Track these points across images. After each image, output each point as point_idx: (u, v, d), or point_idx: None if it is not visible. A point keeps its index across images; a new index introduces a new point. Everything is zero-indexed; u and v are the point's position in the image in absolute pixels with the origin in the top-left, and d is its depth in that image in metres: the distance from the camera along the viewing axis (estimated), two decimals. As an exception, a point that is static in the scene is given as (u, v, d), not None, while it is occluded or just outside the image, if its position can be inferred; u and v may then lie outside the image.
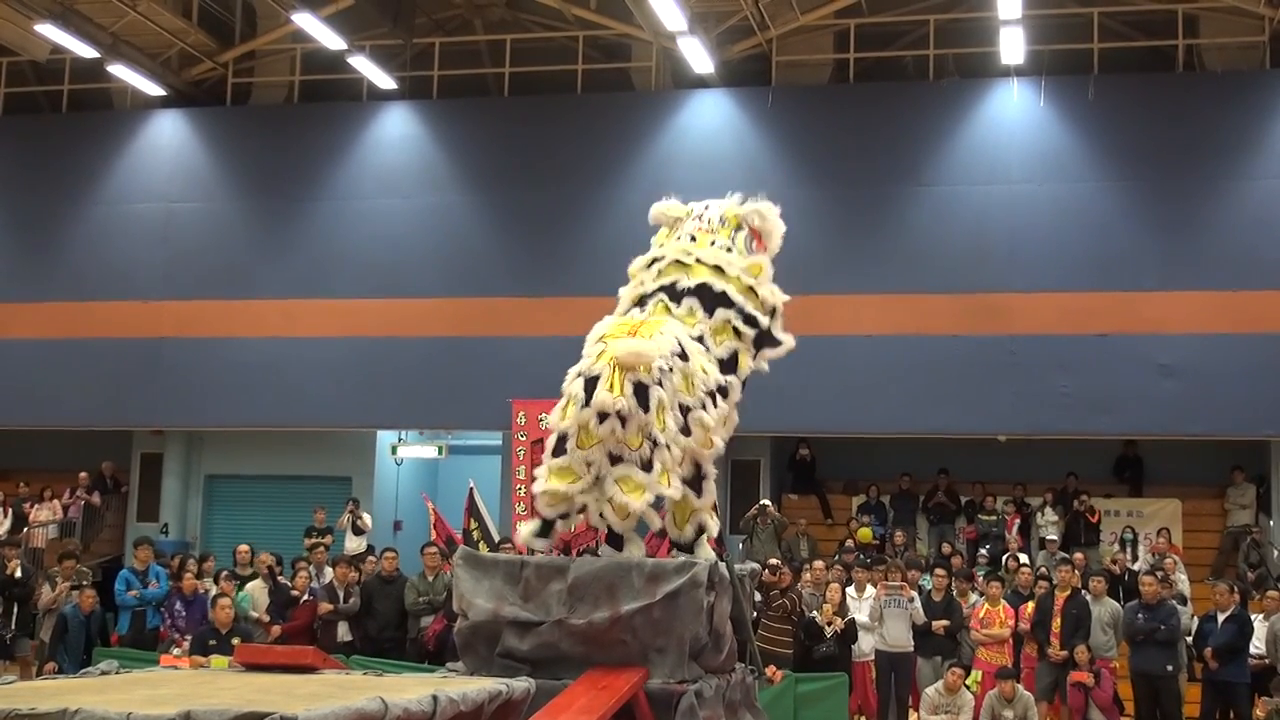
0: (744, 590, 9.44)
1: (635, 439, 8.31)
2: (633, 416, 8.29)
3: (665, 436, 8.42)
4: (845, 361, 20.14)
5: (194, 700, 4.76)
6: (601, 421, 8.32)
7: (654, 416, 8.34)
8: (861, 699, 15.93)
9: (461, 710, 5.40)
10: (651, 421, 8.33)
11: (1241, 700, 14.67)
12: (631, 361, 8.42)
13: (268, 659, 7.09)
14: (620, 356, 8.42)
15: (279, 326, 21.78)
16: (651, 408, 8.34)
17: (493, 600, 8.46)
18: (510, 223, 21.67)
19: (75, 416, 22.39)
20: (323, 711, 4.57)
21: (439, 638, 15.00)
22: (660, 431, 8.39)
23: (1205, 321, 19.48)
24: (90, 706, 4.56)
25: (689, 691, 8.06)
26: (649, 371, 8.43)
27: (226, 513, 24.06)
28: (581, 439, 8.39)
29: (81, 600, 16.50)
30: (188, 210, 22.65)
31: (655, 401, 8.37)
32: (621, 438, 8.30)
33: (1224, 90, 20.30)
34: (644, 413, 8.31)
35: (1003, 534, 20.75)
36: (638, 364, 8.42)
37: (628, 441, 8.30)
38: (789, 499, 22.36)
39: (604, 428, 8.32)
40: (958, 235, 20.30)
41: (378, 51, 22.30)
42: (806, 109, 21.38)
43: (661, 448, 8.39)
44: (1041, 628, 15.61)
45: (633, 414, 8.29)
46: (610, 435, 8.31)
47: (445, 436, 23.86)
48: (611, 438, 8.30)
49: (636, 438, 8.31)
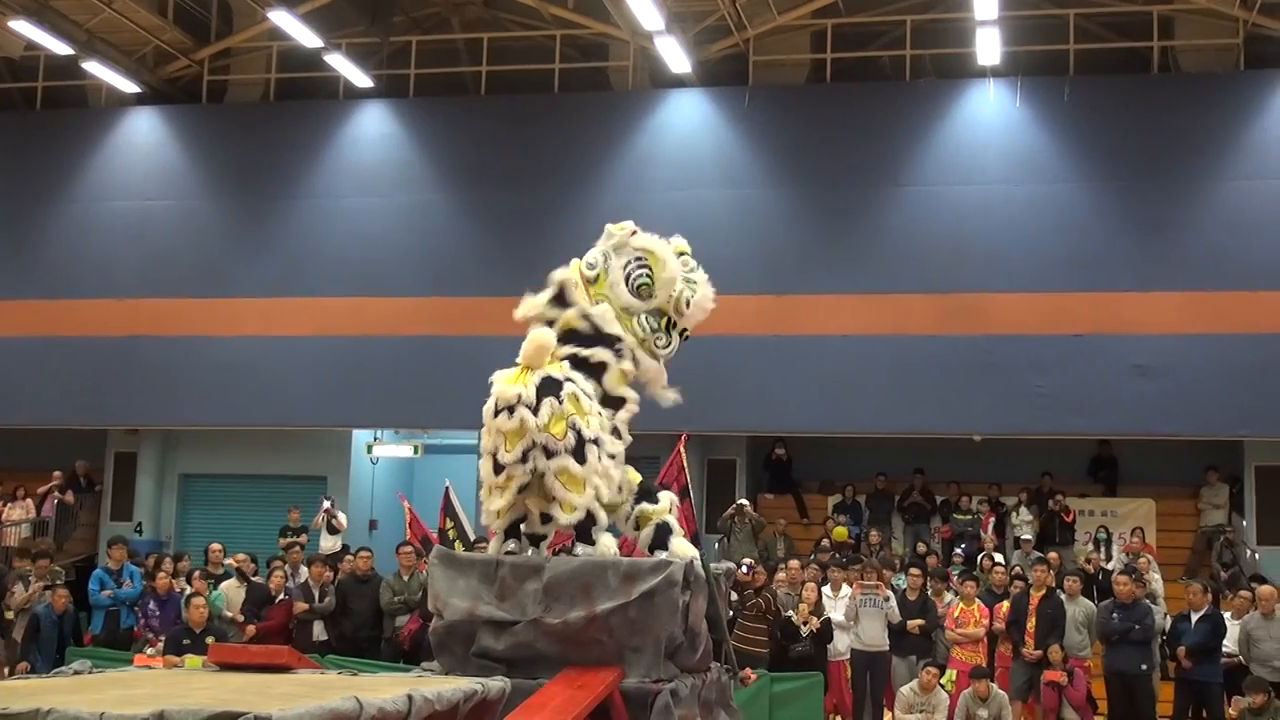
0: (719, 589, 9.45)
1: (558, 427, 8.27)
2: (544, 405, 8.26)
3: (591, 433, 8.39)
4: (821, 361, 20.19)
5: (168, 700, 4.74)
6: (510, 415, 8.29)
7: (568, 405, 8.31)
8: (837, 698, 15.95)
9: (437, 710, 5.38)
10: (570, 411, 8.29)
11: (1214, 700, 14.75)
12: (532, 352, 8.45)
13: (242, 659, 7.07)
14: (523, 350, 8.47)
15: (255, 325, 21.71)
16: (564, 398, 8.31)
17: (468, 600, 8.45)
18: (487, 221, 21.64)
19: (49, 415, 22.28)
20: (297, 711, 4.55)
21: (414, 637, 14.98)
22: (586, 426, 8.36)
23: (1180, 322, 19.56)
24: (63, 706, 4.54)
25: (664, 691, 8.07)
26: (560, 366, 8.46)
27: (201, 512, 23.97)
28: (509, 442, 8.37)
29: (55, 600, 16.40)
30: (163, 208, 22.56)
31: (568, 392, 8.35)
32: (543, 426, 8.25)
33: (1199, 92, 20.39)
34: (557, 402, 8.28)
35: (978, 533, 20.81)
36: (540, 357, 8.44)
37: (550, 429, 8.26)
38: (765, 499, 22.37)
39: (511, 422, 8.29)
40: (934, 235, 20.34)
41: (354, 49, 22.26)
42: (784, 109, 21.40)
43: (590, 443, 8.36)
44: (1016, 627, 15.66)
45: (542, 403, 8.26)
46: (521, 427, 8.26)
47: (421, 436, 23.81)
48: (527, 428, 8.25)
49: (559, 424, 8.27)
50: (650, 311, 9.06)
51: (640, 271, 9.02)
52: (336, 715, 4.69)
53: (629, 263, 9.05)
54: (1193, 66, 21.10)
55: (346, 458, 23.38)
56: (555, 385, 8.36)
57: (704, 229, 20.56)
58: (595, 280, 9.01)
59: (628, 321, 8.96)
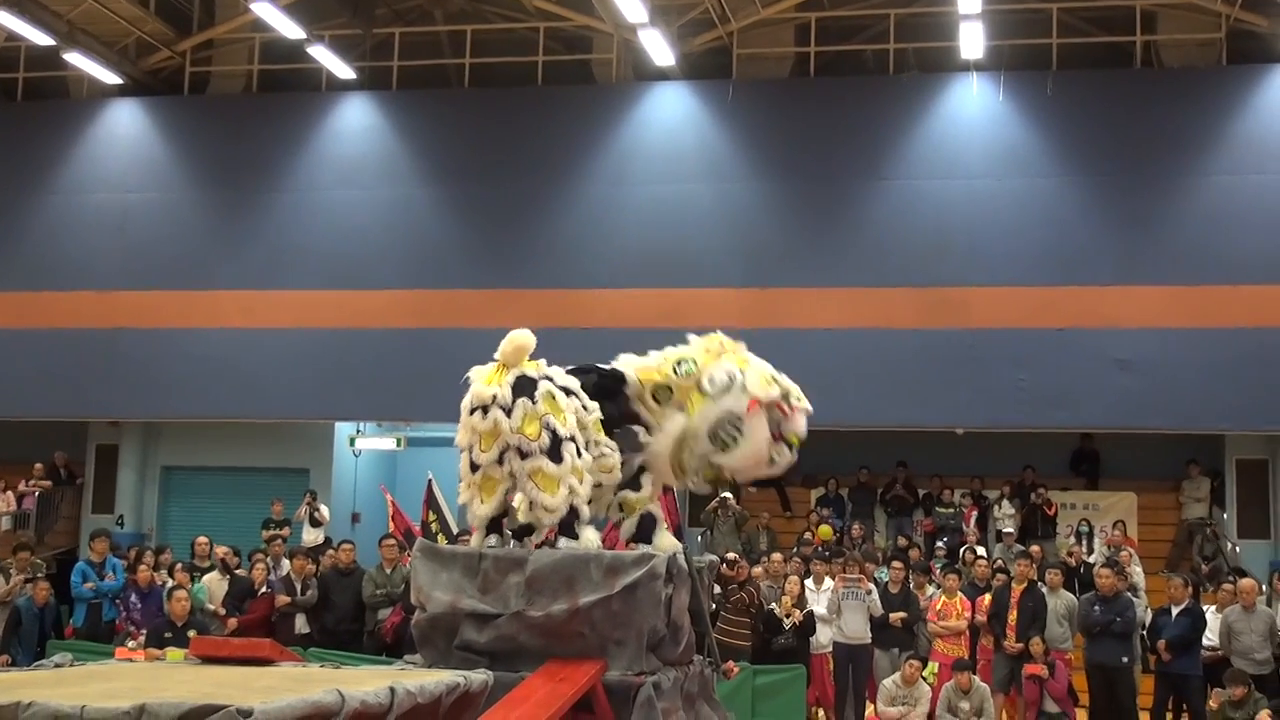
0: (702, 582, 9.44)
1: (531, 427, 8.27)
2: (517, 406, 8.26)
3: (566, 431, 8.37)
4: (804, 354, 20.04)
5: (149, 693, 4.72)
6: (484, 415, 8.29)
7: (542, 405, 8.30)
8: (819, 691, 15.99)
9: (419, 702, 5.37)
10: (544, 411, 8.29)
11: (1194, 692, 14.82)
12: (510, 352, 8.45)
13: (224, 652, 7.05)
14: (501, 349, 8.46)
15: (237, 318, 21.65)
16: (538, 397, 8.31)
17: (451, 593, 8.44)
18: (470, 214, 21.60)
19: (30, 407, 22.18)
20: (279, 704, 4.54)
21: (397, 630, 14.97)
22: (561, 425, 8.34)
23: (1162, 316, 19.61)
24: (44, 699, 4.52)
25: (647, 683, 8.07)
26: (536, 369, 8.45)
27: (183, 505, 23.93)
28: (484, 442, 8.37)
29: (35, 593, 16.36)
30: (145, 201, 22.47)
31: (543, 391, 8.34)
32: (517, 428, 8.26)
33: (1181, 86, 20.45)
34: (531, 402, 8.28)
35: (960, 526, 20.88)
36: (518, 356, 8.44)
37: (523, 431, 8.26)
38: (748, 491, 22.36)
39: (485, 422, 8.29)
40: (917, 229, 20.35)
41: (337, 41, 22.20)
42: (767, 102, 21.40)
43: (566, 441, 8.35)
44: (998, 620, 15.71)
45: (516, 404, 8.26)
46: (495, 428, 8.27)
47: (404, 429, 23.79)
48: (501, 430, 8.25)
49: (532, 424, 8.27)
50: (708, 458, 8.79)
51: (732, 432, 8.69)
52: (318, 708, 4.68)
53: (728, 422, 8.67)
54: (1175, 61, 21.14)
55: (329, 450, 23.35)
56: (530, 385, 8.35)
57: (687, 222, 20.77)
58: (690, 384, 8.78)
59: (687, 444, 8.71)
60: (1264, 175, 19.71)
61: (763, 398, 8.74)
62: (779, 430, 8.90)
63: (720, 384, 8.74)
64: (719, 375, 8.75)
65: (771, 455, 8.88)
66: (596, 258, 20.85)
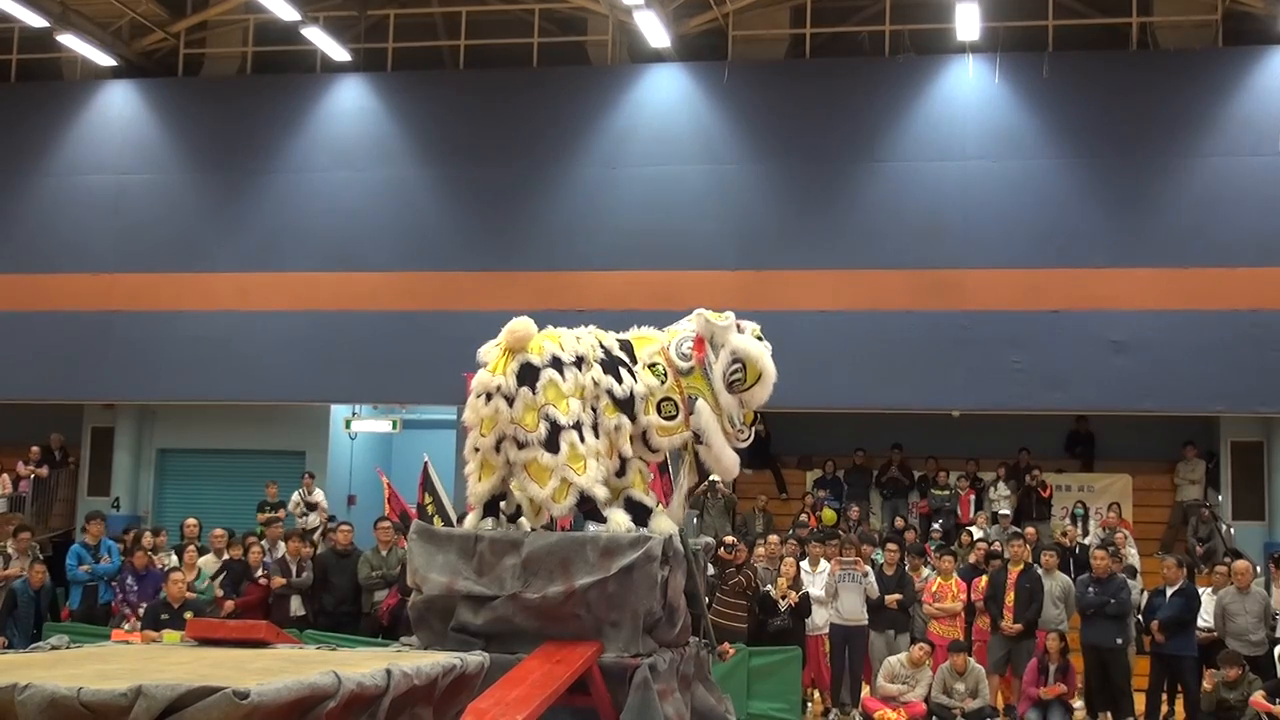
0: (698, 564, 9.46)
1: (529, 418, 8.27)
2: (519, 396, 8.27)
3: (568, 419, 8.37)
4: (799, 336, 20.13)
5: (145, 674, 4.71)
6: (488, 402, 8.31)
7: (542, 395, 8.31)
8: (815, 672, 16.03)
9: (415, 684, 5.37)
10: (544, 401, 8.29)
11: (1188, 673, 14.85)
12: (512, 341, 8.45)
13: (220, 634, 7.04)
14: (504, 336, 8.47)
15: (232, 300, 21.61)
16: (540, 388, 8.31)
17: (447, 575, 8.46)
18: (465, 196, 21.57)
19: (26, 390, 22.17)
20: (275, 685, 4.53)
21: (393, 612, 15.00)
22: (563, 414, 8.34)
23: (1157, 298, 19.60)
24: (40, 681, 4.51)
25: (643, 665, 8.09)
26: (540, 353, 8.45)
27: (178, 487, 23.89)
28: (485, 426, 8.39)
29: (32, 575, 16.34)
30: (139, 182, 22.42)
31: (545, 381, 8.34)
32: (515, 419, 8.27)
33: (1177, 68, 20.41)
34: (531, 392, 8.28)
35: (955, 509, 20.90)
36: (520, 344, 8.44)
37: (521, 422, 8.28)
38: (743, 474, 22.34)
39: (488, 408, 8.32)
40: (912, 211, 20.33)
41: (331, 23, 22.14)
42: (762, 84, 21.35)
43: (567, 429, 8.35)
44: (994, 601, 15.73)
45: (518, 394, 8.27)
46: (495, 415, 8.28)
47: (399, 411, 23.77)
48: (501, 419, 8.27)
49: (530, 416, 8.27)
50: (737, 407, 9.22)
51: (735, 369, 9.14)
52: (314, 689, 4.68)
53: (728, 365, 9.13)
54: (1171, 43, 21.11)
55: (325, 433, 23.33)
56: (533, 374, 8.36)
57: (682, 204, 20.74)
58: (688, 373, 9.05)
59: (719, 413, 9.09)
60: (1260, 157, 19.69)
61: (703, 332, 9.14)
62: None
63: (686, 347, 9.11)
64: (682, 348, 9.16)
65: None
66: (591, 240, 20.82)
